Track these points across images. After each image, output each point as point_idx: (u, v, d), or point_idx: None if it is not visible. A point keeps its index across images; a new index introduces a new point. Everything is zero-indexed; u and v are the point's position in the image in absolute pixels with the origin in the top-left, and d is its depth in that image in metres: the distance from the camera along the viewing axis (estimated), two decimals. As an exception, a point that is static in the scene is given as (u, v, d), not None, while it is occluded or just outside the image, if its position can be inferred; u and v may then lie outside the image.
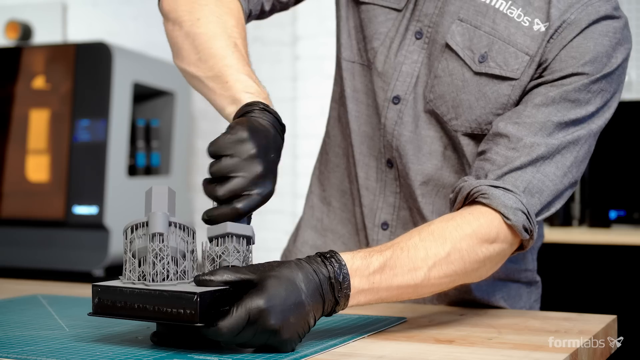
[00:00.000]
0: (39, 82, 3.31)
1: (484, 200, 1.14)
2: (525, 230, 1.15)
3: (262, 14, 1.39)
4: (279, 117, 1.10)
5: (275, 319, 0.92)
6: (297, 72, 3.71)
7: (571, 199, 3.24)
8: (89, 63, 3.18)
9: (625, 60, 1.22)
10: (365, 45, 1.34)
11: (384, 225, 1.34)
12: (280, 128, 1.08)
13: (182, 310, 0.91)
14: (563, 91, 1.18)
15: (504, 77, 1.22)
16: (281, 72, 3.79)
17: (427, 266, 1.08)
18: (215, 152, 1.01)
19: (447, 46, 1.26)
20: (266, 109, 1.08)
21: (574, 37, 1.19)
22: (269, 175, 1.02)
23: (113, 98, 3.12)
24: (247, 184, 0.99)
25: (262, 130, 1.04)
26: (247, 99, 1.11)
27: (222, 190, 0.99)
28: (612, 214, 3.15)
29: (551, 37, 1.20)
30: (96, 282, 0.98)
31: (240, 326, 0.91)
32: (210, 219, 1.00)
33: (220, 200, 1.00)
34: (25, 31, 3.64)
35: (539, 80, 1.21)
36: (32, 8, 4.05)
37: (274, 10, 1.40)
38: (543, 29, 1.21)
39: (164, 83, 3.52)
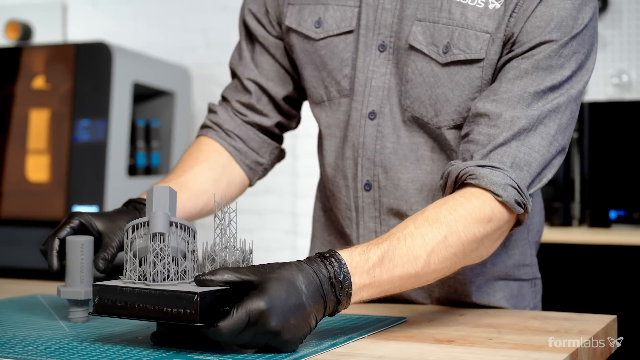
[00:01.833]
0: (39, 82, 3.31)
1: (472, 181, 1.15)
2: (518, 204, 1.15)
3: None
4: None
5: (276, 320, 0.92)
6: (297, 72, 3.71)
7: (571, 199, 3.24)
8: (89, 63, 3.17)
9: (593, 19, 1.22)
10: (333, 77, 1.35)
11: None
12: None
13: (182, 310, 0.91)
14: (534, 61, 1.19)
15: (471, 60, 1.24)
16: (281, 72, 3.77)
17: (426, 253, 1.08)
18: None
19: (412, 47, 1.27)
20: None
21: (536, 7, 1.20)
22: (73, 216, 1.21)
23: (113, 98, 3.12)
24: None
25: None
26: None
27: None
28: (612, 214, 3.15)
29: (513, 12, 1.21)
30: (97, 282, 0.98)
31: (241, 327, 0.91)
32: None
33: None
34: (25, 31, 3.64)
35: (509, 55, 1.22)
36: (32, 8, 4.05)
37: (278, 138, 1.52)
38: (499, 6, 1.22)
39: (164, 83, 3.52)
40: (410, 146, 1.30)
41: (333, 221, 1.42)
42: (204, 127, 1.46)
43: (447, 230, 1.10)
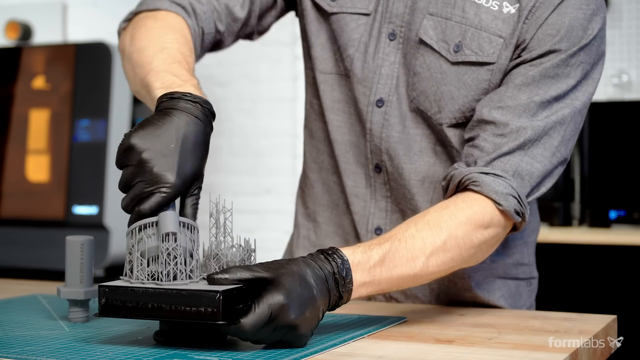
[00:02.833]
0: (39, 82, 3.31)
1: (475, 188, 1.16)
2: (517, 213, 1.17)
3: (219, 35, 1.37)
4: (200, 99, 1.06)
5: (295, 313, 0.93)
6: (297, 72, 3.71)
7: (571, 199, 3.24)
8: (89, 63, 3.18)
9: (602, 29, 1.22)
10: (341, 54, 1.35)
11: (378, 230, 1.35)
12: (200, 109, 1.05)
13: (202, 309, 0.91)
14: (542, 69, 1.20)
15: (481, 63, 1.24)
16: (281, 72, 3.78)
17: (424, 256, 1.10)
18: (117, 166, 1.02)
19: (422, 42, 1.27)
20: (176, 96, 1.05)
21: (549, 15, 1.20)
22: (168, 170, 0.99)
23: (113, 98, 3.12)
24: (145, 186, 0.99)
25: (157, 125, 1.01)
26: (159, 94, 1.08)
27: (125, 201, 1.00)
28: (612, 214, 3.15)
29: (526, 18, 1.21)
30: (99, 283, 0.98)
31: (263, 322, 0.92)
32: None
33: (128, 210, 1.00)
34: (25, 31, 3.64)
35: (518, 61, 1.22)
36: (32, 8, 4.05)
37: (231, 32, 1.38)
38: (513, 10, 1.22)
39: (164, 83, 3.51)
40: (415, 137, 1.30)
41: (322, 195, 1.41)
42: (179, 5, 1.30)
43: (446, 235, 1.11)
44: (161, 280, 0.96)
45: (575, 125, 1.23)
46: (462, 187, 1.18)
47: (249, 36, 1.44)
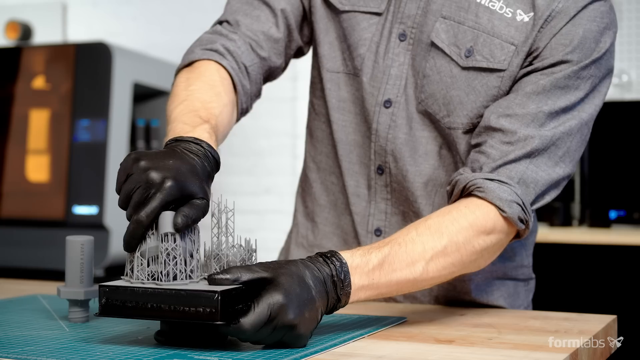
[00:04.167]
0: (39, 82, 3.31)
1: (479, 194, 1.16)
2: (521, 220, 1.17)
3: (265, 62, 1.37)
4: (203, 141, 1.09)
5: (293, 313, 0.93)
6: (297, 72, 3.71)
7: (571, 199, 3.23)
8: (89, 63, 3.17)
9: (612, 44, 1.23)
10: (350, 53, 1.34)
11: (377, 232, 1.35)
12: (202, 150, 1.08)
13: (201, 309, 0.91)
14: (553, 79, 1.20)
15: (492, 69, 1.24)
16: (281, 72, 3.78)
17: (424, 260, 1.09)
18: (118, 188, 1.01)
19: (433, 44, 1.27)
20: (179, 139, 1.08)
21: (564, 25, 1.20)
22: (166, 179, 0.99)
23: (113, 98, 3.12)
24: (143, 192, 0.99)
25: (157, 150, 1.04)
26: (169, 137, 1.13)
27: (128, 211, 1.00)
28: (612, 214, 3.15)
29: (541, 27, 1.21)
30: (99, 283, 0.98)
31: (263, 322, 0.92)
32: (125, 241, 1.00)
33: (129, 218, 1.00)
34: (25, 31, 3.64)
35: (529, 69, 1.22)
36: (32, 8, 4.05)
37: (276, 53, 1.38)
38: (527, 19, 1.22)
39: (164, 83, 3.52)
40: (420, 139, 1.30)
41: (319, 195, 1.41)
42: (211, 50, 1.31)
43: (447, 240, 1.11)
44: (161, 280, 0.97)
45: (582, 137, 1.23)
46: (466, 192, 1.18)
47: (300, 50, 1.43)
